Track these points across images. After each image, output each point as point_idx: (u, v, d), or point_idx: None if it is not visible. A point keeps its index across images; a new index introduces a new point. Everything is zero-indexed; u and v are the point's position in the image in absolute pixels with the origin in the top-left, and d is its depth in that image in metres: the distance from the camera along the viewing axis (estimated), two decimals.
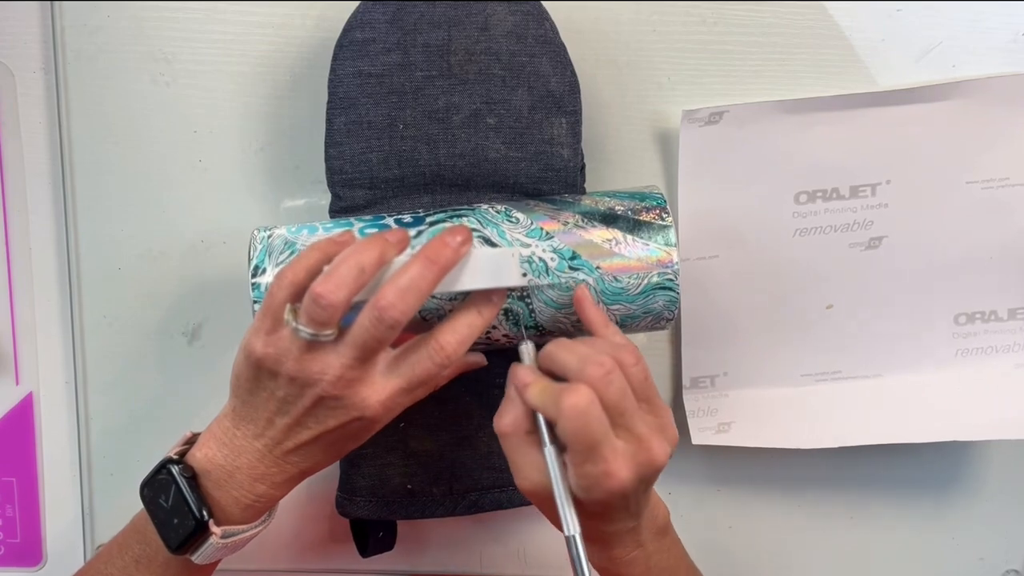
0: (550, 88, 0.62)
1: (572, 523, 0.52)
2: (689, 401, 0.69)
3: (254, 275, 0.58)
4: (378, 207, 0.63)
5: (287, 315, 0.52)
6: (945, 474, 0.72)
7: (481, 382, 0.64)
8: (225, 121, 0.68)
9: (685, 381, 0.69)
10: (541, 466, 0.53)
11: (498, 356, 0.62)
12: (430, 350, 0.54)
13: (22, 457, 0.73)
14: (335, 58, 0.62)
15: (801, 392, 0.70)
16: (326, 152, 0.63)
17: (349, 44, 0.62)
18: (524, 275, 0.57)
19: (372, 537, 0.68)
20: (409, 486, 0.66)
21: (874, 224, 0.67)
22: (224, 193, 0.69)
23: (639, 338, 0.70)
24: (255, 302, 0.57)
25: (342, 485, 0.67)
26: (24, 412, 0.72)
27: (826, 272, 0.67)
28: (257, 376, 0.54)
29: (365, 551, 0.68)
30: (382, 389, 0.54)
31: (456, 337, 0.54)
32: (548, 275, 0.57)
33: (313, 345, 0.52)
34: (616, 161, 0.67)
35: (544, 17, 0.62)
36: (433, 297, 0.55)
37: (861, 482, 0.72)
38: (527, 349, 0.56)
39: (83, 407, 0.72)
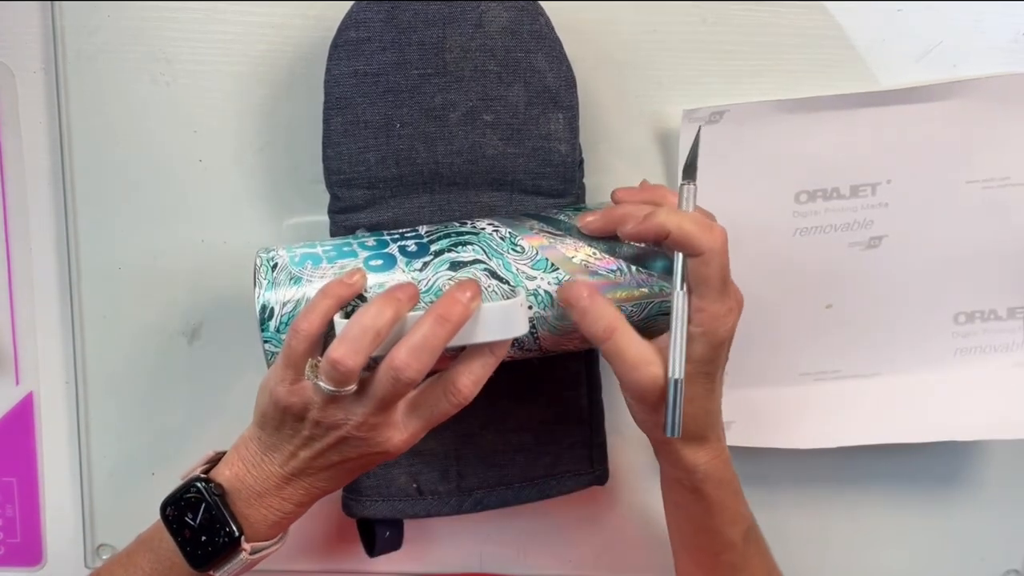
0: (546, 84, 0.62)
1: (681, 367, 0.55)
2: None
3: (262, 315, 0.56)
4: (377, 206, 0.63)
5: (308, 372, 0.53)
6: (945, 474, 0.72)
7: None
8: (225, 121, 0.68)
9: None
10: (654, 356, 0.55)
11: None
12: (447, 393, 0.55)
13: (22, 457, 0.73)
14: (330, 58, 0.62)
15: (800, 391, 0.70)
16: (323, 153, 0.63)
17: (344, 44, 0.62)
18: (530, 307, 0.57)
19: (379, 537, 0.68)
20: (415, 485, 0.66)
21: (874, 223, 0.67)
22: (224, 193, 0.69)
23: None
24: (265, 342, 0.56)
25: (348, 486, 0.67)
26: (24, 412, 0.72)
27: (826, 271, 0.67)
28: (283, 418, 0.55)
29: (372, 551, 0.69)
30: (404, 429, 0.56)
31: (471, 378, 0.55)
32: (552, 308, 0.57)
33: (336, 397, 0.54)
34: (616, 161, 0.67)
35: (539, 13, 0.62)
36: None
37: (861, 482, 0.72)
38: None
39: (83, 407, 0.72)
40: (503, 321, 0.54)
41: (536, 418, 0.67)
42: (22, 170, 0.69)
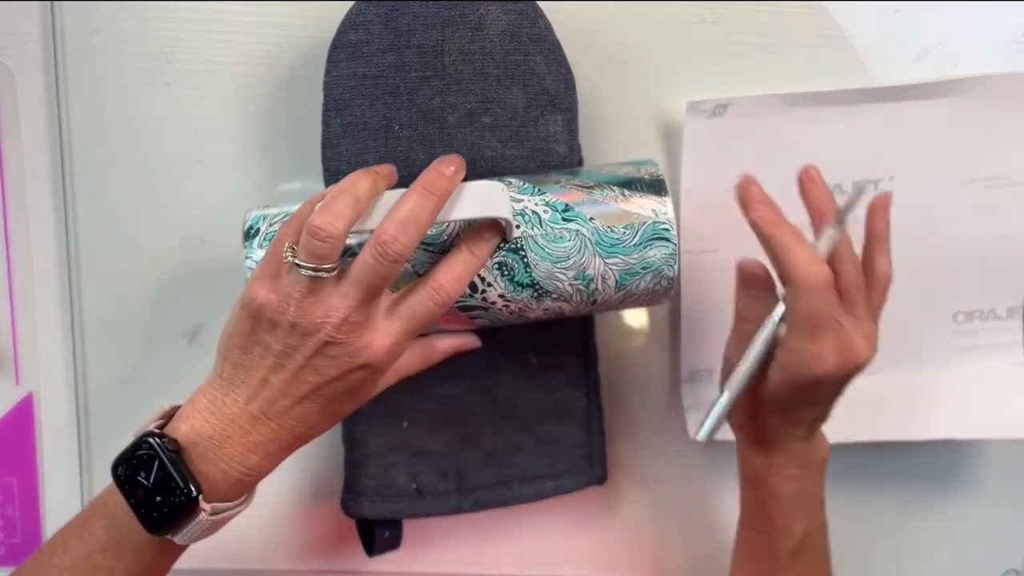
0: (545, 86, 0.62)
1: (739, 385, 0.57)
2: (687, 395, 0.69)
3: (247, 236, 0.57)
4: None
5: (286, 251, 0.51)
6: (944, 473, 0.72)
7: (484, 380, 0.64)
8: (225, 121, 0.68)
9: (684, 374, 0.69)
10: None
11: (502, 355, 0.63)
12: (429, 290, 0.54)
13: (22, 457, 0.73)
14: (329, 60, 0.62)
15: None
16: (323, 154, 0.63)
17: (343, 46, 0.62)
18: (518, 226, 0.57)
19: (378, 536, 0.68)
20: (414, 484, 0.66)
21: None
22: (224, 193, 0.69)
23: (638, 334, 0.70)
24: (247, 258, 0.56)
25: (347, 485, 0.67)
26: (24, 412, 0.72)
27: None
28: (254, 329, 0.53)
29: (371, 551, 0.69)
30: (386, 333, 0.53)
31: (453, 275, 0.54)
32: (541, 226, 0.57)
33: (315, 288, 0.51)
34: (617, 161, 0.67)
35: (538, 15, 0.62)
36: (426, 250, 0.56)
37: (860, 480, 0.72)
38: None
39: (83, 407, 0.72)
40: (485, 200, 0.54)
41: (536, 418, 0.67)
42: (22, 170, 0.69)
